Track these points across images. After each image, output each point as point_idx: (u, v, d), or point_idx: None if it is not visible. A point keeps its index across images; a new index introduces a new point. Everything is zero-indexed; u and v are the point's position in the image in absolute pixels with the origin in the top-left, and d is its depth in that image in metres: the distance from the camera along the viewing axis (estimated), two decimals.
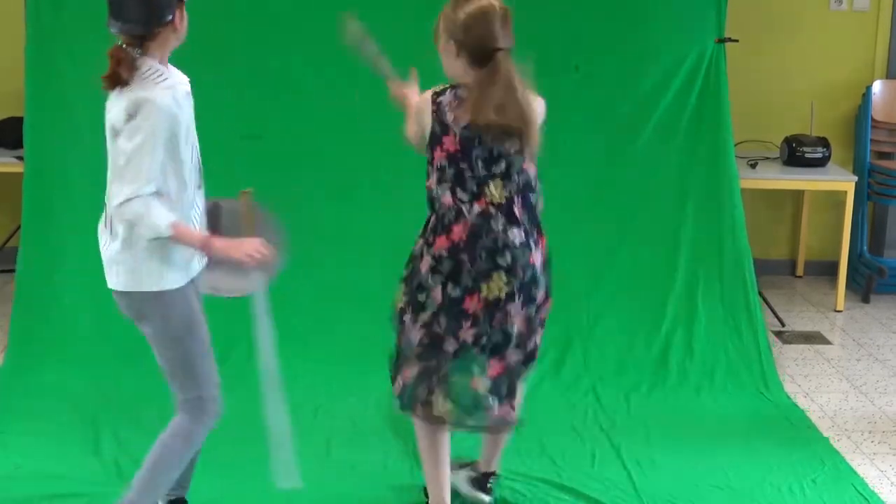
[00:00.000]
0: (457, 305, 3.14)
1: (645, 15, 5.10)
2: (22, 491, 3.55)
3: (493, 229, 3.13)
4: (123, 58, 2.94)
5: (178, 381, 3.09)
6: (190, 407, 3.08)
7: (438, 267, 3.14)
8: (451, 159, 3.15)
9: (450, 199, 3.15)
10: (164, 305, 3.01)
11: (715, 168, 5.06)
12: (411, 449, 3.89)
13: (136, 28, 2.94)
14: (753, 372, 4.65)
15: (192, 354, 3.05)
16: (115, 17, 2.96)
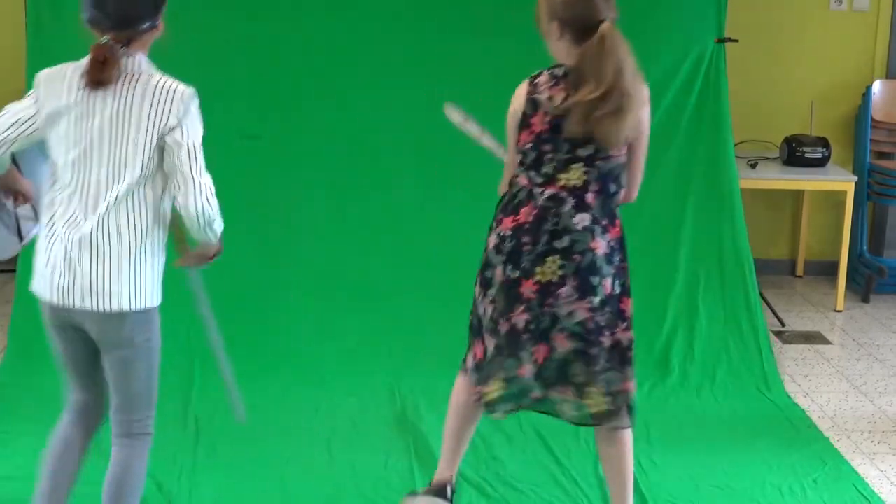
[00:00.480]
0: (514, 288, 3.09)
1: (645, 15, 5.08)
2: (22, 491, 3.55)
3: (560, 212, 3.08)
4: (111, 57, 2.71)
5: (144, 403, 2.89)
6: (145, 426, 2.92)
7: (501, 246, 3.11)
8: (536, 140, 3.09)
9: (525, 181, 3.12)
10: (153, 321, 2.84)
11: (715, 168, 5.06)
12: (412, 448, 3.89)
13: (134, 26, 2.74)
14: (754, 372, 4.65)
15: (156, 372, 2.91)
16: (110, 14, 2.74)
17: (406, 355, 4.55)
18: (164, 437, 3.87)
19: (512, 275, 3.10)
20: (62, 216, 2.75)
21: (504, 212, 3.16)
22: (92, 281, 2.72)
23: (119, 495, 2.90)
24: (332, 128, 4.94)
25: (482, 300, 3.19)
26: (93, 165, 2.72)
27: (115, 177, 2.70)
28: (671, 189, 5.06)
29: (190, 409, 4.15)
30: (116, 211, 2.71)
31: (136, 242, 2.73)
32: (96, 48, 2.72)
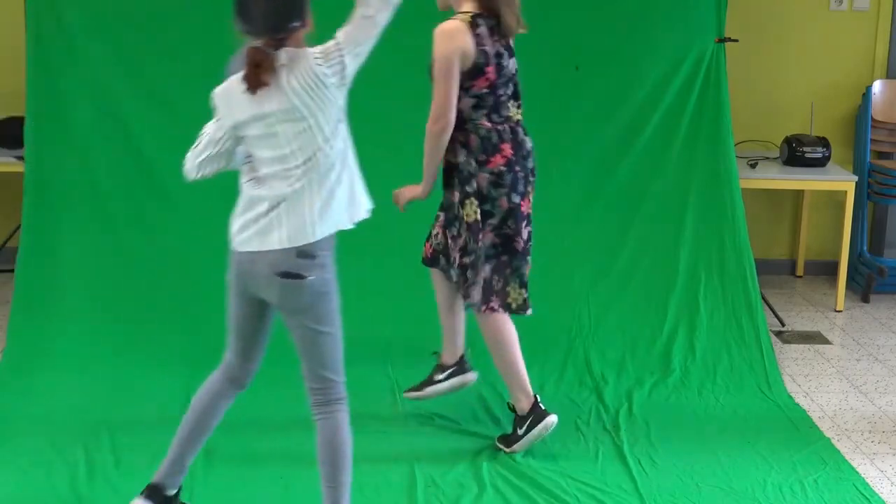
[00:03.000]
0: (518, 209, 3.73)
1: (645, 15, 5.10)
2: (22, 491, 3.55)
3: (520, 139, 3.75)
4: (264, 59, 2.91)
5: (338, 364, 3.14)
6: (343, 391, 3.14)
7: (500, 180, 3.69)
8: (491, 87, 3.65)
9: (488, 123, 3.68)
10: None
11: (715, 168, 5.07)
12: (412, 447, 3.89)
13: (284, 30, 2.93)
14: (755, 371, 4.65)
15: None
16: (260, 26, 2.92)
17: (406, 354, 4.55)
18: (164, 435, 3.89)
19: (515, 200, 3.72)
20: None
21: (486, 152, 3.68)
22: (280, 228, 3.06)
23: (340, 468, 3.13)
24: None
25: (482, 234, 3.71)
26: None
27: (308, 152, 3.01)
28: (671, 189, 5.07)
29: None
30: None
31: None
32: (251, 52, 2.92)
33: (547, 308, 4.83)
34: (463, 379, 4.07)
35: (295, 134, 2.97)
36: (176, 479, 3.31)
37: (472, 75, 3.62)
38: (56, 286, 4.72)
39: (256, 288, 3.08)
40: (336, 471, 3.11)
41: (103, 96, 4.84)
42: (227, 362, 3.26)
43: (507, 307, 3.81)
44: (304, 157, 2.98)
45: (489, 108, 3.68)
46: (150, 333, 4.61)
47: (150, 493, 3.29)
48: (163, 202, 4.83)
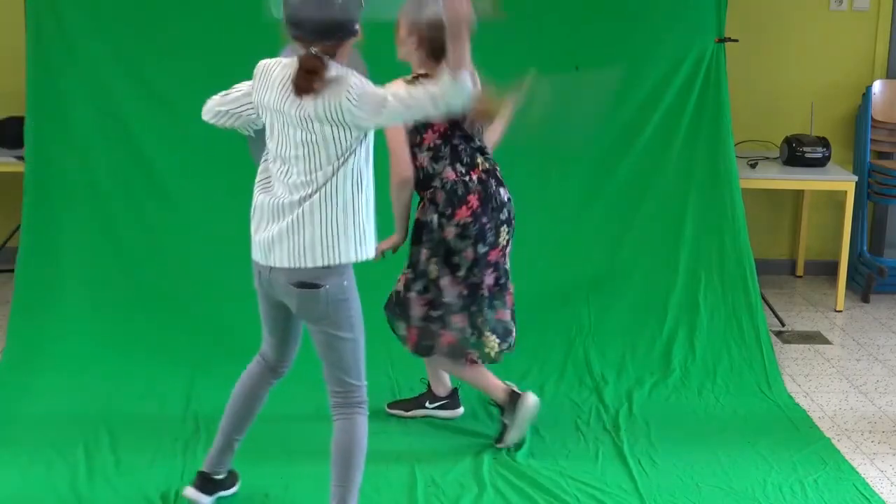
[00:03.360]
0: (484, 258, 3.74)
1: (645, 15, 5.10)
2: (21, 492, 3.55)
3: (491, 192, 3.74)
4: (320, 68, 2.90)
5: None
6: (364, 395, 3.20)
7: (466, 232, 3.70)
8: (444, 138, 3.70)
9: (452, 174, 3.71)
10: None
11: (715, 168, 5.07)
12: (412, 448, 3.89)
13: (335, 36, 2.94)
14: (756, 371, 4.65)
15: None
16: (308, 30, 2.93)
17: (406, 355, 4.54)
18: (164, 435, 3.89)
19: (481, 250, 3.72)
20: None
21: (451, 205, 3.70)
22: (291, 244, 3.09)
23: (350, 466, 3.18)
24: None
25: (451, 286, 3.75)
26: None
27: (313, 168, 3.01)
28: (671, 189, 5.07)
29: (191, 406, 4.15)
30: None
31: None
32: (305, 58, 2.91)
33: (547, 308, 4.85)
34: (452, 413, 4.14)
35: (300, 143, 2.98)
36: (224, 464, 3.42)
37: (420, 130, 3.68)
38: (56, 286, 4.72)
39: (277, 294, 3.13)
40: (348, 471, 3.15)
41: (103, 96, 4.84)
42: (263, 354, 3.35)
43: (483, 358, 3.85)
44: (307, 171, 2.98)
45: (449, 158, 3.70)
46: (150, 333, 4.61)
47: (201, 481, 3.40)
48: (163, 202, 4.83)
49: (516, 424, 3.86)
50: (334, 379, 3.15)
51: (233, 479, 3.50)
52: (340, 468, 3.15)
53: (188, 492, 3.40)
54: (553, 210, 4.97)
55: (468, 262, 3.73)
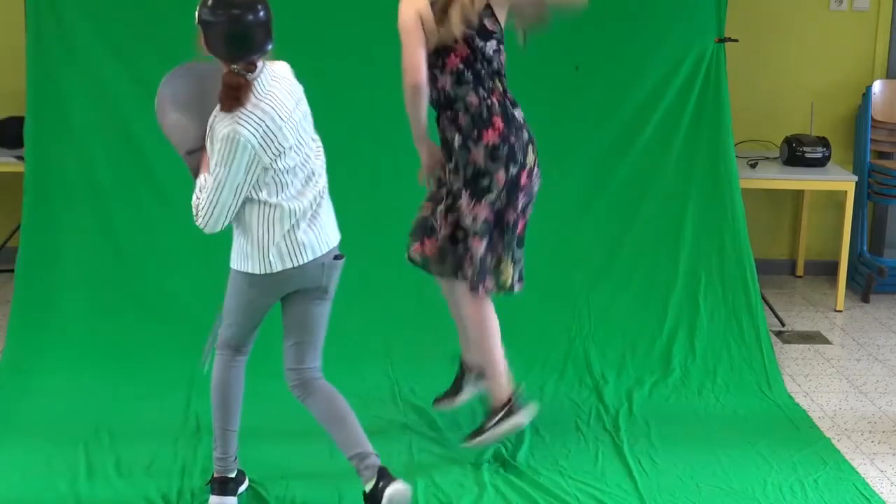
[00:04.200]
0: (516, 181, 3.69)
1: (645, 15, 5.10)
2: (21, 492, 3.55)
3: (511, 113, 3.71)
4: (245, 84, 3.10)
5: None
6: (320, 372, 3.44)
7: (496, 154, 3.66)
8: (466, 63, 3.65)
9: (475, 98, 3.67)
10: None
11: (715, 168, 5.06)
12: (412, 448, 3.89)
13: (264, 52, 3.15)
14: (756, 371, 4.65)
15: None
16: (256, 49, 3.12)
17: (406, 355, 4.55)
18: (164, 435, 3.89)
19: (512, 171, 3.68)
20: None
21: (477, 127, 3.66)
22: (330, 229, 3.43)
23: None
24: (331, 126, 4.91)
25: (475, 209, 3.69)
26: None
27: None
28: (671, 189, 5.07)
29: (192, 407, 4.15)
30: None
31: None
32: (229, 78, 3.13)
33: (547, 308, 4.85)
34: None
35: (302, 141, 3.28)
36: (231, 461, 3.44)
37: (441, 53, 3.65)
38: (56, 286, 4.72)
39: (301, 282, 3.28)
40: (346, 414, 3.33)
41: (103, 96, 4.84)
42: (231, 345, 3.40)
43: (500, 286, 3.81)
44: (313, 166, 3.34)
45: (472, 82, 3.67)
46: (150, 333, 4.61)
47: (219, 486, 3.43)
48: (163, 202, 4.83)
49: (493, 433, 3.80)
50: (313, 353, 3.36)
51: (242, 475, 3.53)
52: (336, 421, 3.35)
53: (213, 501, 3.42)
54: (553, 210, 4.96)
55: (499, 185, 3.67)
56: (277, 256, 3.21)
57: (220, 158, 3.09)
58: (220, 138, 3.07)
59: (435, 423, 4.11)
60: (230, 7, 3.07)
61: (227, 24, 3.06)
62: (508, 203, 3.72)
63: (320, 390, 3.36)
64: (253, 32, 3.08)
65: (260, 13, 3.08)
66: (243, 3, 3.07)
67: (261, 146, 3.07)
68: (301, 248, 3.22)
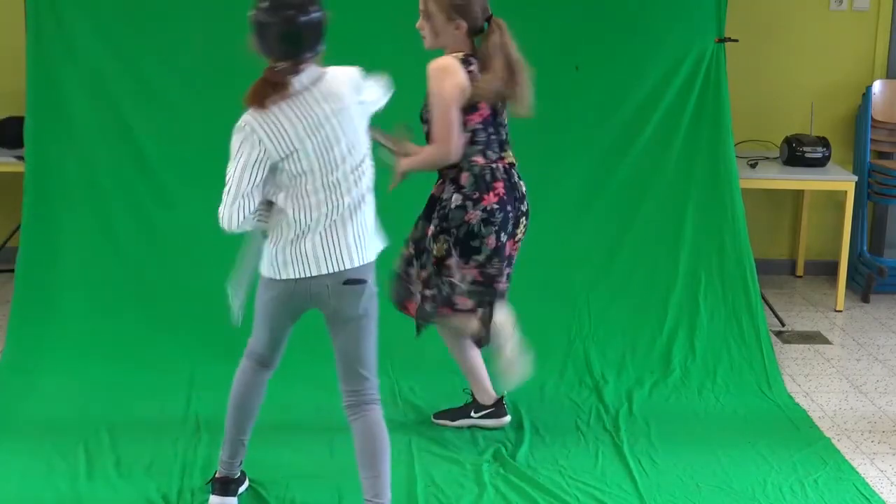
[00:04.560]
0: (502, 250, 3.76)
1: (645, 15, 5.10)
2: (21, 492, 3.55)
3: (515, 182, 3.80)
4: (281, 84, 3.06)
5: (374, 363, 3.27)
6: (377, 392, 3.28)
7: (491, 219, 3.71)
8: (484, 123, 3.73)
9: (482, 159, 3.73)
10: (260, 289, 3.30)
11: (715, 168, 5.06)
12: (413, 448, 3.89)
13: (318, 50, 3.12)
14: (756, 371, 4.65)
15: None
16: (310, 48, 3.08)
17: (406, 355, 4.55)
18: (164, 435, 3.89)
19: (502, 239, 3.75)
20: None
21: (479, 190, 3.70)
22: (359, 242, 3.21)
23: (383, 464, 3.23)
24: None
25: (463, 269, 3.74)
26: None
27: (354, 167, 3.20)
28: (671, 189, 5.07)
29: (192, 406, 4.15)
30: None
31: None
32: (272, 72, 3.09)
33: (547, 308, 4.85)
34: (498, 422, 4.06)
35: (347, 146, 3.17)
36: (237, 466, 3.44)
37: (467, 111, 3.69)
38: (56, 286, 4.72)
39: (313, 303, 3.20)
40: (377, 461, 3.20)
41: (103, 96, 4.84)
42: (255, 354, 3.36)
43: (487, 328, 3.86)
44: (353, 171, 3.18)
45: (484, 144, 3.73)
46: (150, 333, 4.61)
47: (221, 486, 3.43)
48: (163, 202, 4.83)
49: (475, 422, 4.00)
50: (354, 376, 3.21)
51: (243, 476, 3.53)
52: (370, 462, 3.20)
53: (213, 501, 3.41)
54: (553, 210, 4.96)
55: (489, 249, 3.72)
56: (282, 263, 3.14)
57: (233, 152, 3.06)
58: (234, 129, 3.06)
59: (434, 422, 4.11)
60: (284, 7, 3.02)
61: (280, 24, 3.02)
62: (499, 270, 3.78)
63: (362, 422, 3.21)
64: (305, 33, 3.04)
65: (313, 14, 3.04)
66: (297, 4, 3.03)
67: (270, 140, 3.02)
68: (304, 260, 3.12)
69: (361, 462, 3.21)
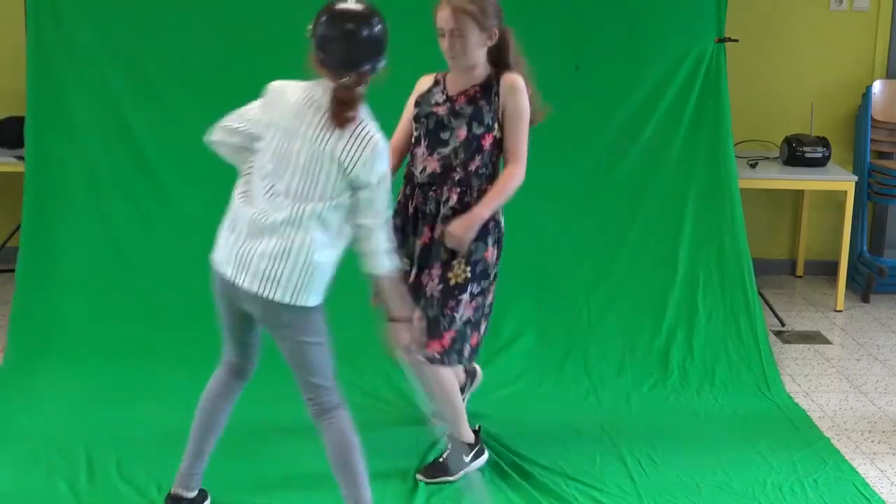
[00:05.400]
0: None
1: (645, 15, 5.10)
2: (21, 492, 3.55)
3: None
4: (357, 97, 2.96)
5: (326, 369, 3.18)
6: (337, 397, 3.21)
7: (501, 241, 3.60)
8: (496, 145, 3.55)
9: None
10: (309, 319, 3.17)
11: (715, 168, 5.06)
12: (415, 448, 3.89)
13: (374, 67, 3.03)
14: (754, 371, 4.65)
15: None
16: (367, 62, 2.99)
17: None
18: (164, 436, 3.89)
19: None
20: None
21: (499, 211, 3.59)
22: (264, 270, 2.98)
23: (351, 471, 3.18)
24: None
25: (490, 291, 3.59)
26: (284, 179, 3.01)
27: (302, 196, 2.99)
28: (671, 189, 5.07)
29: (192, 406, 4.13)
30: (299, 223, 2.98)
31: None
32: (340, 90, 2.94)
33: (547, 308, 4.85)
34: (475, 384, 4.05)
35: (302, 169, 2.98)
36: (195, 480, 3.36)
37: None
38: (56, 286, 4.72)
39: (240, 302, 3.09)
40: (351, 473, 3.14)
41: (103, 96, 4.84)
42: (227, 362, 3.30)
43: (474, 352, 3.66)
44: (298, 197, 2.99)
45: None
46: (149, 333, 4.61)
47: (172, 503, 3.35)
48: (163, 202, 4.83)
49: (472, 466, 3.72)
50: (305, 385, 3.12)
51: (202, 498, 3.42)
52: (343, 472, 3.15)
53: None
54: (553, 210, 4.96)
55: (495, 271, 3.61)
56: (215, 250, 3.10)
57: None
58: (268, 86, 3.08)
59: (435, 422, 4.11)
60: (346, 20, 2.95)
61: (343, 39, 2.95)
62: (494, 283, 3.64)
63: (329, 432, 3.14)
64: (366, 46, 2.97)
65: (376, 28, 2.97)
66: (358, 15, 2.97)
67: (266, 105, 3.05)
68: (219, 254, 3.07)
69: (335, 471, 3.16)
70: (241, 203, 3.07)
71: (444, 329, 3.51)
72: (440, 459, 3.72)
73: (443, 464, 3.70)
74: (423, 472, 3.69)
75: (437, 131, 3.52)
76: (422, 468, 3.71)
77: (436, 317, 3.51)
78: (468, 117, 3.49)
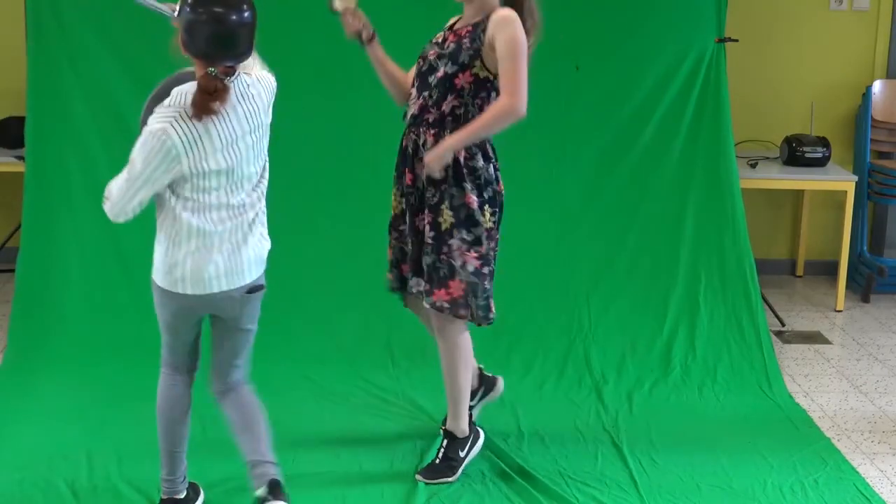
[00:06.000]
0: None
1: (645, 15, 5.10)
2: (22, 492, 3.55)
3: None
4: (222, 89, 2.94)
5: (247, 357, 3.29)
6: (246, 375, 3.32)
7: (497, 201, 3.57)
8: (480, 85, 3.49)
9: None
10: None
11: (715, 168, 5.07)
12: (416, 448, 3.89)
13: (244, 57, 3.04)
14: (756, 371, 4.65)
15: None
16: (237, 53, 3.00)
17: (406, 352, 4.55)
18: None
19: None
20: None
21: (496, 159, 3.58)
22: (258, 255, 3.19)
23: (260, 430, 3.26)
24: (330, 127, 4.94)
25: (486, 247, 3.53)
26: None
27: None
28: (671, 189, 5.07)
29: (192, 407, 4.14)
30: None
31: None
32: (208, 81, 2.95)
33: (547, 308, 4.85)
34: (493, 395, 3.95)
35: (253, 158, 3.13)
36: (180, 482, 3.36)
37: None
38: (56, 286, 4.72)
39: (213, 310, 3.16)
40: (255, 425, 3.23)
41: (103, 96, 4.84)
42: (176, 366, 3.35)
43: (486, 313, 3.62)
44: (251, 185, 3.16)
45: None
46: (150, 333, 4.57)
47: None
48: None
49: (468, 460, 3.72)
50: (228, 368, 3.24)
51: (195, 493, 3.44)
52: (248, 427, 3.23)
53: None
54: (553, 210, 4.97)
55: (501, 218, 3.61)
56: (181, 277, 3.10)
57: (143, 153, 2.92)
58: (149, 132, 2.90)
59: (435, 422, 4.11)
60: (214, 5, 2.90)
61: (210, 23, 2.90)
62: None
63: (234, 398, 3.26)
64: (236, 34, 2.93)
65: (245, 14, 2.92)
66: (229, 2, 2.92)
67: (186, 154, 2.91)
68: (209, 276, 3.07)
69: (240, 430, 3.21)
70: (199, 221, 3.09)
71: (445, 276, 3.51)
72: (436, 460, 3.71)
73: (442, 464, 3.69)
74: (422, 472, 3.68)
75: (426, 74, 3.52)
76: (421, 468, 3.71)
77: (433, 263, 3.52)
78: (447, 57, 3.46)
